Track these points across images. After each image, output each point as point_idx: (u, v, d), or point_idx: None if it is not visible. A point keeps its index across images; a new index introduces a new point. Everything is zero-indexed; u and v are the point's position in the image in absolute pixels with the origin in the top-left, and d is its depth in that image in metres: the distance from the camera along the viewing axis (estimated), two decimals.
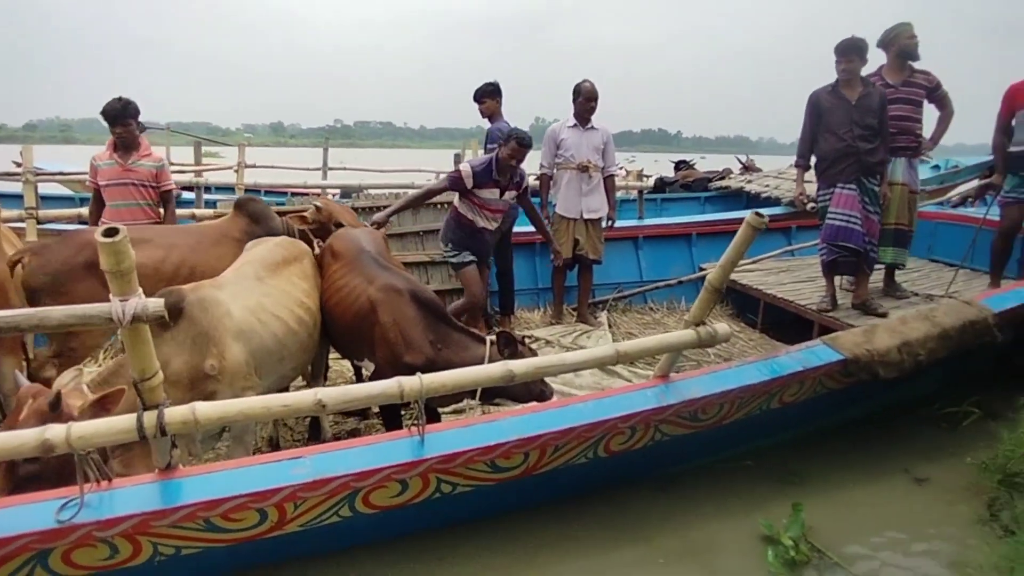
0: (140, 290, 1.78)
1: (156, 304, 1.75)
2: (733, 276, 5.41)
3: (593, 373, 4.18)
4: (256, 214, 3.87)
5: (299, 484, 2.25)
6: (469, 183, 4.24)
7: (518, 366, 2.29)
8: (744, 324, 5.37)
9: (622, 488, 3.19)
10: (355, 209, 5.68)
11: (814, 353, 3.19)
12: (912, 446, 3.74)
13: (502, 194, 4.36)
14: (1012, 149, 4.46)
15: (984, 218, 4.87)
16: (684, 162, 10.66)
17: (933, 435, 3.86)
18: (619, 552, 2.81)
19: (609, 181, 5.18)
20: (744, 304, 5.58)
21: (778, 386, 3.07)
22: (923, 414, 4.04)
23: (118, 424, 1.96)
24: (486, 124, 5.42)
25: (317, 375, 3.67)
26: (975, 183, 6.22)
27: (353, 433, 3.71)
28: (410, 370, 2.37)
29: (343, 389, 2.20)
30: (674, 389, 2.80)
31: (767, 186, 7.67)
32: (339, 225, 3.89)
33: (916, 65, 4.70)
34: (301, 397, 2.15)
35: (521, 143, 4.20)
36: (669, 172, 10.28)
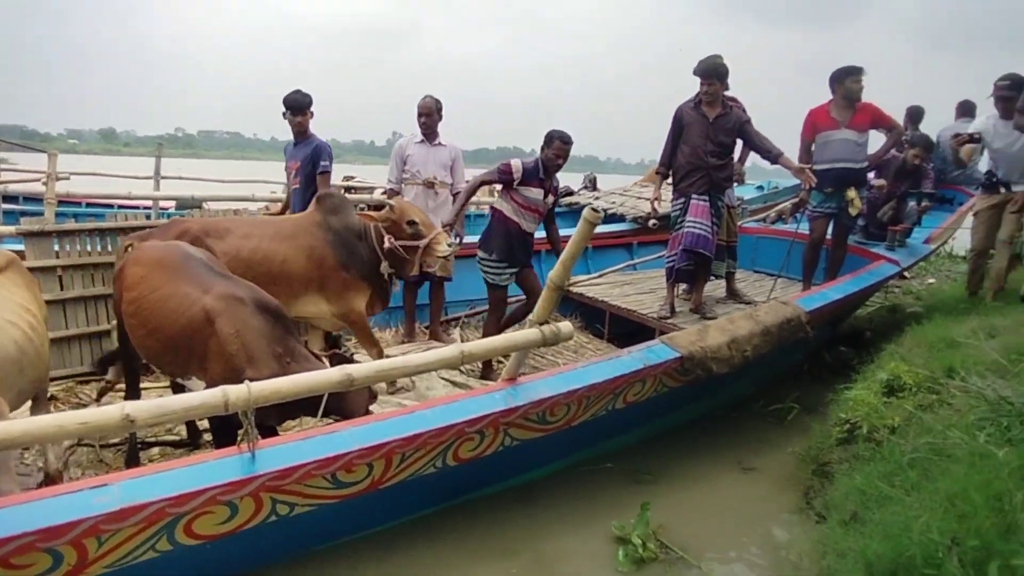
0: None
1: None
2: (580, 289, 5.63)
3: (446, 386, 4.12)
4: (333, 208, 4.01)
5: (102, 515, 1.96)
6: (518, 177, 4.25)
7: (358, 370, 2.16)
8: (592, 335, 5.54)
9: (479, 501, 3.15)
10: None
11: (653, 352, 3.34)
12: (743, 440, 4.04)
13: (545, 195, 4.36)
14: (816, 168, 5.00)
15: (796, 232, 5.41)
16: None
17: (761, 429, 4.21)
18: (474, 569, 2.76)
19: None
20: (591, 316, 5.78)
21: (622, 384, 3.17)
22: (752, 411, 4.40)
23: None
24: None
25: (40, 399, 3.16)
26: (790, 202, 6.92)
27: None
28: None
29: (156, 402, 1.95)
30: (521, 391, 2.80)
31: (613, 203, 8.06)
32: (412, 223, 3.88)
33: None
34: (104, 413, 1.87)
35: (565, 140, 4.28)
36: None
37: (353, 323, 4.01)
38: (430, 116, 4.97)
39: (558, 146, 4.28)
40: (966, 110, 7.38)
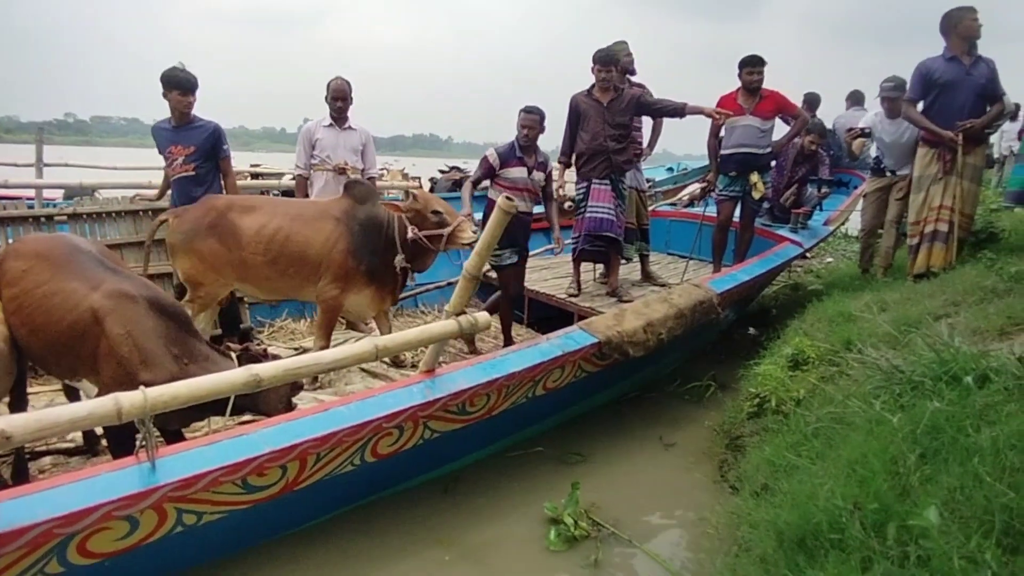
0: None
1: None
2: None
3: (364, 378, 4.02)
4: (360, 196, 4.00)
5: None
6: (496, 163, 4.37)
7: (265, 369, 2.05)
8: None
9: (410, 491, 3.12)
10: (78, 216, 4.86)
11: (572, 338, 3.36)
12: (664, 418, 4.16)
13: (530, 173, 4.42)
14: (722, 152, 5.19)
15: (703, 214, 5.58)
16: (456, 168, 11.11)
17: (680, 407, 4.35)
18: (408, 559, 2.73)
19: (370, 183, 5.02)
20: None
21: (542, 372, 3.17)
22: (671, 390, 4.53)
23: None
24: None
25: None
26: (699, 185, 7.16)
27: None
28: None
29: (37, 415, 1.78)
30: (440, 383, 2.75)
31: None
32: (436, 212, 3.90)
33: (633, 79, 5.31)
34: None
35: (528, 111, 4.39)
36: (436, 174, 10.59)
37: (327, 311, 3.96)
38: (345, 99, 4.81)
39: (522, 118, 4.38)
40: (857, 99, 7.89)
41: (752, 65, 4.99)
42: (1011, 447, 1.84)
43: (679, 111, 4.85)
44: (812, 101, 7.72)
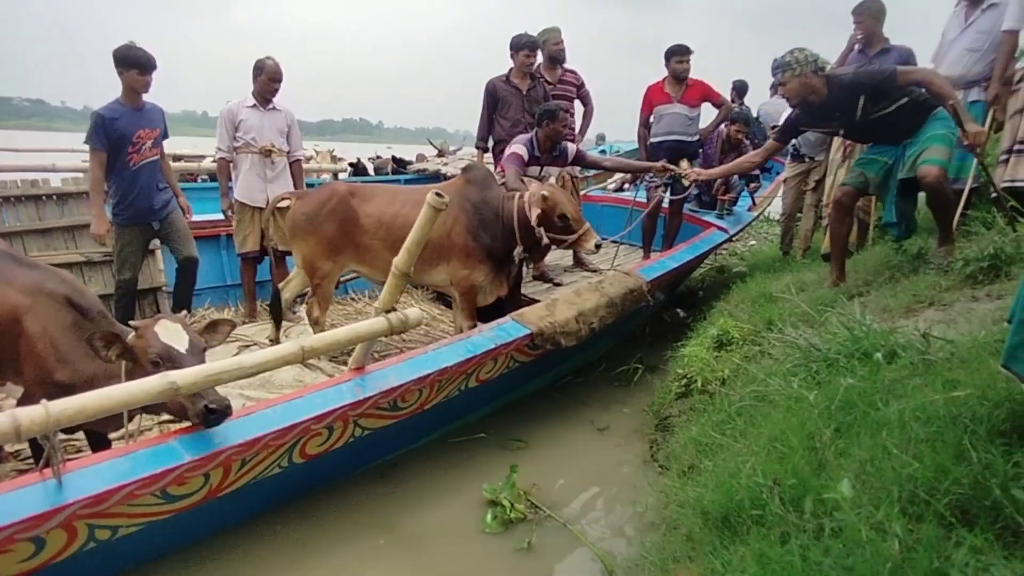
0: None
1: None
2: None
3: (293, 366, 3.92)
4: (476, 180, 4.03)
5: None
6: (527, 158, 4.31)
7: (183, 376, 1.95)
8: (444, 306, 5.51)
9: (351, 478, 3.10)
10: None
11: (504, 330, 3.35)
12: (596, 402, 4.22)
13: (541, 170, 4.41)
14: (652, 140, 5.28)
15: (633, 200, 5.67)
16: (378, 156, 11.00)
17: (609, 391, 4.41)
18: (345, 546, 2.70)
19: (296, 166, 4.87)
20: None
21: (474, 365, 3.16)
22: (600, 374, 4.59)
23: None
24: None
25: None
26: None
27: None
28: (64, 390, 1.94)
29: None
30: (370, 381, 2.69)
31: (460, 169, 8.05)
32: (563, 217, 3.86)
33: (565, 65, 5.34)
34: None
35: (565, 110, 4.38)
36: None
37: (463, 292, 3.95)
38: (281, 81, 4.66)
39: (562, 117, 4.29)
40: None
41: (682, 53, 5.10)
42: (916, 419, 1.90)
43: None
44: (740, 88, 7.94)
